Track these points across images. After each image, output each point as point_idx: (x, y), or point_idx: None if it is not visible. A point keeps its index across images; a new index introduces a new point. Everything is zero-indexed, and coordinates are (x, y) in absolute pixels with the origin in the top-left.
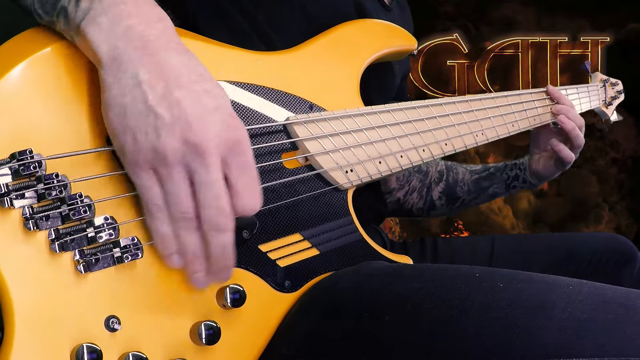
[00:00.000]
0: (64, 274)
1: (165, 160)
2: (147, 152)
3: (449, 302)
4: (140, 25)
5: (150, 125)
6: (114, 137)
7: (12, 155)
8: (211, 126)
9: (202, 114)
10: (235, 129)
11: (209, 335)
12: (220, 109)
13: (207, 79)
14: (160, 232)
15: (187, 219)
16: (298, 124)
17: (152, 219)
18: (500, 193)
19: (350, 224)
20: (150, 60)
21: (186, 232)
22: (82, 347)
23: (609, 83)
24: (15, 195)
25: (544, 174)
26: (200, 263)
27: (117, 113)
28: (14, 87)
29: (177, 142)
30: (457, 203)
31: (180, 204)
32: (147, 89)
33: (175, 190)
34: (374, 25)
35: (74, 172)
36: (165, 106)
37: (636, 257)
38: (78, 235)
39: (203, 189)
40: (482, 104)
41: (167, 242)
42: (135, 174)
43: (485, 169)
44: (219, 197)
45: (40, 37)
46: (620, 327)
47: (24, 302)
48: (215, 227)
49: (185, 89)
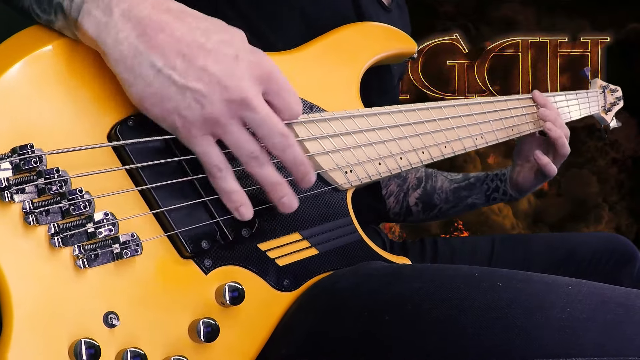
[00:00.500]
0: (64, 269)
1: (217, 122)
2: (199, 123)
3: (448, 302)
4: (131, 9)
5: (190, 100)
6: (159, 121)
7: (13, 150)
8: (242, 76)
9: (229, 69)
10: (260, 64)
11: (207, 333)
12: (240, 52)
13: (211, 30)
14: (225, 189)
15: (257, 157)
16: (298, 124)
17: (215, 179)
18: (480, 204)
19: (350, 225)
20: (156, 42)
21: (260, 168)
22: (80, 342)
23: (609, 89)
24: (16, 189)
25: (523, 186)
26: (282, 187)
27: (152, 103)
28: (15, 83)
29: (221, 105)
30: (434, 210)
31: (245, 147)
32: (169, 71)
33: (237, 139)
34: (374, 28)
35: (74, 167)
36: (194, 78)
37: (636, 257)
38: (78, 231)
39: (259, 126)
40: (481, 108)
41: (233, 196)
42: (193, 144)
43: (466, 179)
44: (274, 125)
45: (41, 34)
46: (619, 327)
47: (22, 296)
48: (282, 147)
49: (202, 54)
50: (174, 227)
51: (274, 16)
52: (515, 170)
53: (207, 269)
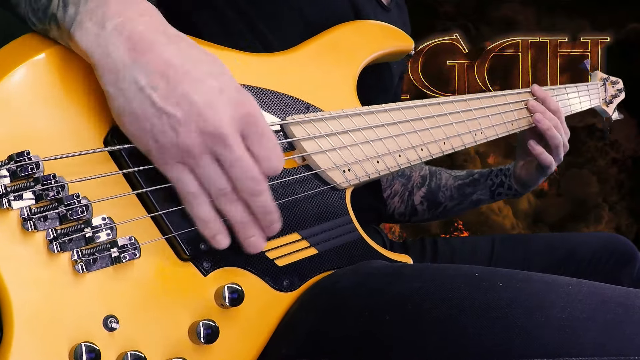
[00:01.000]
0: (62, 274)
1: (190, 153)
2: (172, 150)
3: (448, 302)
4: (125, 24)
5: (165, 125)
6: (134, 140)
7: (10, 157)
8: (222, 110)
9: (211, 100)
10: (244, 103)
11: (207, 335)
12: (225, 87)
13: (202, 60)
14: (201, 217)
15: (226, 194)
16: (295, 124)
17: (191, 207)
18: (485, 200)
19: (349, 224)
20: (144, 60)
21: (229, 205)
22: (80, 346)
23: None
24: (13, 196)
25: (526, 180)
26: (251, 227)
27: (130, 120)
28: (11, 91)
29: (196, 135)
30: (439, 208)
31: (215, 184)
32: (150, 91)
33: (207, 174)
34: (371, 26)
35: (71, 173)
36: (174, 103)
37: (636, 257)
38: (76, 236)
39: (232, 166)
40: (480, 103)
41: (210, 225)
42: (166, 170)
43: (470, 175)
44: (247, 168)
45: (36, 41)
46: (619, 327)
47: (22, 302)
48: (252, 193)
49: (187, 80)
50: (172, 230)
51: (273, 16)
52: (518, 164)
53: (206, 270)
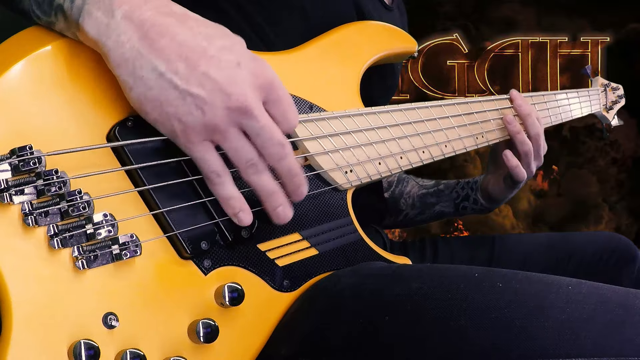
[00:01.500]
0: (63, 270)
1: (217, 129)
2: (199, 129)
3: (448, 303)
4: (133, 11)
5: (191, 105)
6: (158, 125)
7: (12, 151)
8: (243, 84)
9: (231, 76)
10: (262, 73)
11: (206, 334)
12: (242, 60)
13: (214, 35)
14: (224, 195)
15: (254, 164)
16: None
17: (214, 185)
18: (449, 213)
19: (350, 225)
20: (159, 46)
21: (257, 175)
22: (79, 343)
23: (610, 87)
24: (15, 191)
25: (492, 194)
26: (278, 196)
27: (153, 107)
28: (14, 84)
29: (222, 112)
30: (400, 216)
31: (244, 155)
32: (171, 76)
33: (235, 146)
34: (375, 27)
35: (73, 168)
36: (196, 84)
37: (636, 256)
38: (77, 232)
39: (258, 134)
40: (482, 106)
41: (232, 202)
42: (191, 150)
43: (435, 185)
44: (273, 134)
45: (40, 34)
46: (619, 327)
47: (22, 297)
48: (278, 157)
49: (204, 59)
50: (174, 228)
51: (276, 15)
52: (487, 177)
53: (207, 269)
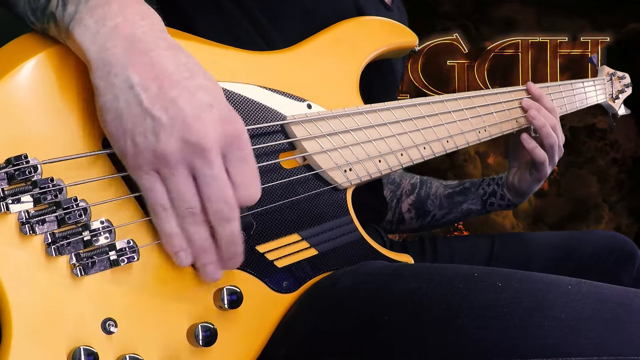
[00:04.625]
0: (61, 278)
1: (166, 161)
2: (148, 155)
3: (447, 302)
4: (126, 24)
5: (148, 128)
6: (112, 140)
7: (8, 160)
8: (209, 123)
9: (199, 112)
10: (232, 123)
11: (205, 337)
12: (216, 104)
13: (198, 72)
14: (166, 231)
15: (194, 214)
16: (296, 123)
17: (158, 219)
18: (476, 210)
19: (350, 224)
20: (140, 60)
21: (194, 226)
22: (79, 349)
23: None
24: (12, 200)
25: (520, 188)
26: (211, 254)
27: (113, 117)
28: (8, 93)
29: (176, 143)
30: (427, 217)
31: (185, 200)
32: (140, 91)
33: (179, 188)
34: (373, 22)
35: (70, 176)
36: (161, 107)
37: (636, 255)
38: (74, 239)
39: (207, 183)
40: (485, 100)
41: (174, 240)
42: (138, 176)
43: (461, 184)
44: (223, 189)
45: (34, 42)
46: (619, 327)
47: (21, 305)
48: (222, 217)
49: (179, 88)
50: None
51: (276, 12)
52: (511, 172)
53: None
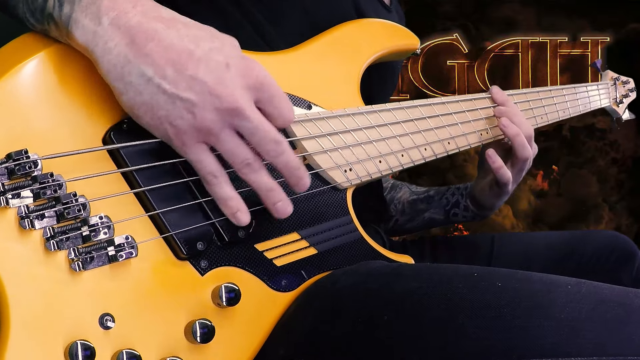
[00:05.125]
0: (59, 272)
1: (210, 131)
2: (191, 132)
3: (447, 302)
4: (120, 18)
5: (181, 109)
6: (152, 129)
7: (8, 155)
8: (233, 84)
9: (220, 77)
10: (251, 71)
11: (203, 334)
12: (231, 60)
13: (202, 37)
14: (221, 196)
15: (250, 164)
16: (296, 123)
17: (212, 187)
18: (439, 221)
19: (350, 224)
20: (146, 51)
21: (254, 174)
22: (75, 343)
23: (620, 81)
24: (11, 194)
25: (481, 199)
26: (277, 192)
27: (144, 111)
28: (10, 90)
29: (212, 114)
30: (390, 222)
31: (239, 155)
32: (159, 80)
33: (229, 147)
34: (375, 24)
35: (69, 171)
36: (185, 87)
37: (636, 255)
38: (73, 234)
39: (252, 134)
40: (486, 102)
41: (230, 202)
42: (186, 153)
43: (426, 191)
44: (267, 133)
45: (35, 40)
46: (618, 327)
47: (19, 299)
48: (276, 153)
49: (192, 62)
50: (169, 229)
51: (276, 14)
52: (475, 182)
53: (203, 270)
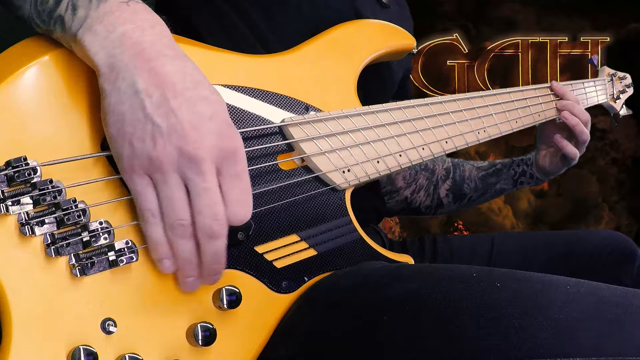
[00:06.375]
0: (60, 278)
1: (160, 167)
2: (143, 159)
3: (446, 302)
4: (135, 31)
5: (147, 133)
6: (111, 142)
7: (8, 163)
8: (206, 135)
9: (198, 123)
10: (229, 138)
11: (205, 337)
12: (216, 117)
13: (203, 84)
14: (153, 238)
15: (183, 226)
16: (294, 125)
17: (146, 224)
18: (508, 189)
19: (349, 224)
20: (147, 67)
21: (181, 239)
22: (78, 349)
23: (617, 77)
24: (11, 201)
25: (550, 170)
26: (193, 268)
27: (115, 120)
28: (9, 96)
29: (172, 151)
30: (464, 200)
31: (175, 210)
32: (144, 97)
33: (170, 195)
34: (371, 25)
35: (69, 177)
36: (162, 114)
37: (636, 255)
38: (73, 240)
39: (198, 196)
40: (483, 101)
41: (160, 247)
42: (131, 180)
43: (492, 165)
44: (213, 204)
45: (36, 46)
46: (618, 327)
47: (20, 306)
48: (210, 233)
49: (181, 97)
50: None
51: (272, 15)
52: (540, 154)
53: None
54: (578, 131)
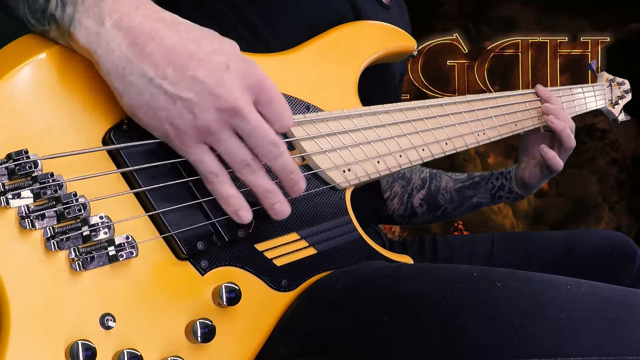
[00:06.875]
0: (59, 272)
1: (209, 131)
2: (191, 132)
3: (446, 302)
4: (122, 19)
5: (181, 109)
6: (153, 131)
7: (9, 156)
8: (232, 85)
9: (220, 78)
10: (251, 73)
11: (204, 334)
12: (231, 62)
13: (203, 38)
14: (223, 194)
15: (248, 164)
16: (294, 124)
17: (213, 185)
18: (485, 203)
19: (349, 224)
20: (147, 52)
21: (253, 175)
22: (76, 344)
23: (616, 82)
24: (12, 194)
25: (528, 182)
26: (275, 194)
27: (145, 111)
28: (11, 90)
29: (212, 114)
30: (439, 211)
31: (238, 155)
32: (160, 81)
33: (228, 147)
34: (372, 27)
35: (70, 171)
36: (185, 87)
37: (636, 254)
38: (73, 234)
39: (250, 135)
40: (483, 104)
41: (231, 201)
42: (187, 153)
43: (470, 178)
44: (265, 134)
45: (35, 42)
46: (618, 327)
47: (19, 299)
48: (271, 156)
49: (193, 62)
50: (169, 229)
51: (272, 16)
52: (520, 167)
53: (204, 270)
54: (565, 136)
